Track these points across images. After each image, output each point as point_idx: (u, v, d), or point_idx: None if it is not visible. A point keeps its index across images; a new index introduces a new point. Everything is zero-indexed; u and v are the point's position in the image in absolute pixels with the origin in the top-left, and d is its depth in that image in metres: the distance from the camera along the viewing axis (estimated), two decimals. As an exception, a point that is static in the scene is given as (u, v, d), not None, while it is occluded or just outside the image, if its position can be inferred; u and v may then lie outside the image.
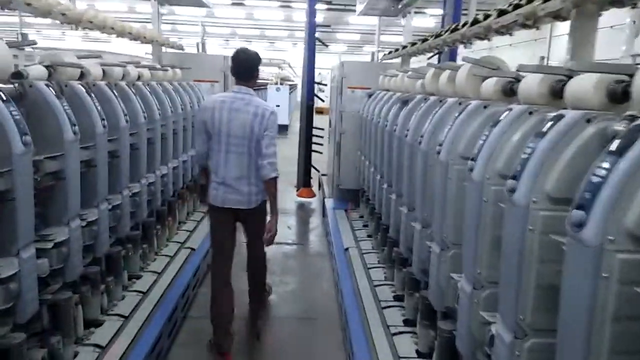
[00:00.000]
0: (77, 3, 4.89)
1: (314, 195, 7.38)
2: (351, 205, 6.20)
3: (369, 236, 5.05)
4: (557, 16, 2.23)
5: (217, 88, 6.08)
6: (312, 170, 7.50)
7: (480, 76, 2.59)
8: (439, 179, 2.52)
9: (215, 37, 27.41)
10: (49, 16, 3.30)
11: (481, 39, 3.30)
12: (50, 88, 2.50)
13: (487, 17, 2.98)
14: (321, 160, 7.69)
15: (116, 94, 3.34)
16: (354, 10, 17.33)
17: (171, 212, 4.71)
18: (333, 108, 6.72)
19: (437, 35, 4.21)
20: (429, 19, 18.40)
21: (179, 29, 24.05)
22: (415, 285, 3.15)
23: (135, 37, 4.86)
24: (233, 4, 17.29)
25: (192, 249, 4.57)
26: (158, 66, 4.76)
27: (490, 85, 2.44)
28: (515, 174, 1.65)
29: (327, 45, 7.32)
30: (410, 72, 4.30)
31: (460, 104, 2.61)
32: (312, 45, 6.57)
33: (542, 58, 10.57)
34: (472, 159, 2.04)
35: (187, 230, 5.00)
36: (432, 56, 4.89)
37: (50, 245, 2.37)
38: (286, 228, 6.22)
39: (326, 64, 11.93)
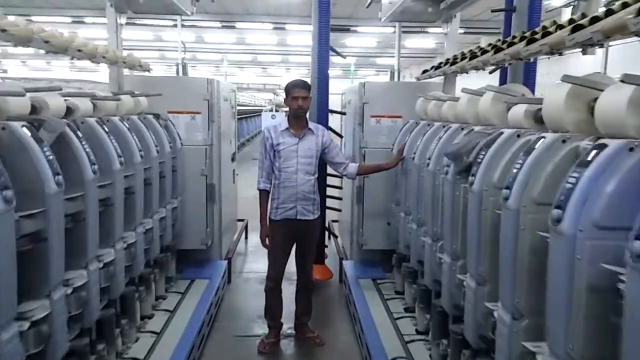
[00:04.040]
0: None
1: (330, 276, 5.17)
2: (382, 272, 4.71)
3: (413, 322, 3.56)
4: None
5: (199, 121, 4.61)
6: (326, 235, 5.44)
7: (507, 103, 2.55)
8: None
9: (205, 64, 26.29)
10: (29, 45, 2.66)
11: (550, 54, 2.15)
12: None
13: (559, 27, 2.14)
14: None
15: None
16: (355, 31, 16.53)
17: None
18: (349, 143, 5.24)
19: (497, 49, 2.79)
20: (428, 40, 17.27)
21: (167, 57, 22.85)
22: None
23: (86, 56, 3.38)
24: (223, 27, 16.04)
25: None
26: (105, 94, 3.27)
27: (519, 112, 2.39)
28: (560, 203, 1.62)
29: (344, 57, 5.71)
30: (467, 96, 2.94)
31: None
32: (324, 55, 4.60)
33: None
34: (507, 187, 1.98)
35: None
36: (493, 70, 3.45)
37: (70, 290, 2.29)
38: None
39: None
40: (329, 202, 5.23)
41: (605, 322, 1.52)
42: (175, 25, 13.80)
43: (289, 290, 4.05)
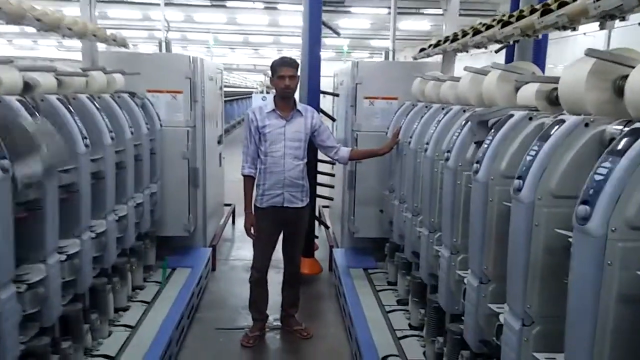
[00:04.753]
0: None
1: (319, 270, 4.79)
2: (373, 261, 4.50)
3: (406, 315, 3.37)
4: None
5: (180, 101, 4.31)
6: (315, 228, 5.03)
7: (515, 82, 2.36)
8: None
9: (196, 44, 25.72)
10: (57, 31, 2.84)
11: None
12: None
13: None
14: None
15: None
16: (348, 12, 16.08)
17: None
18: (341, 126, 4.98)
19: (505, 23, 2.54)
20: (423, 22, 16.89)
21: (156, 36, 22.28)
22: None
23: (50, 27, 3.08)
24: (213, 5, 15.56)
25: None
26: (72, 69, 2.97)
27: (530, 93, 2.18)
28: (588, 198, 1.38)
29: (338, 34, 5.32)
30: (469, 75, 2.70)
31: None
32: (315, 34, 4.21)
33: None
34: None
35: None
36: (500, 49, 3.19)
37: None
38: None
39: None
40: (321, 191, 4.97)
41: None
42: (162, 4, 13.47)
43: (275, 280, 3.83)
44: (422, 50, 3.95)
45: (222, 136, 5.82)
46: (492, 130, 2.07)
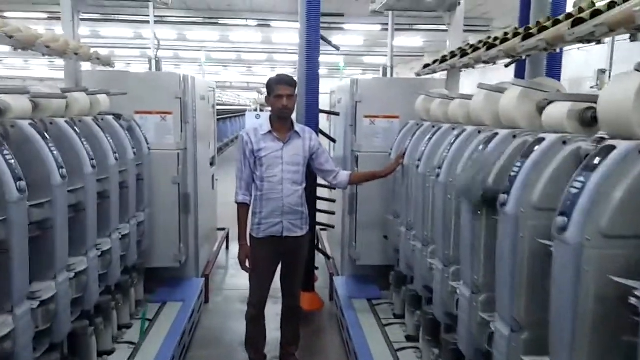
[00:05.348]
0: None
1: (321, 305, 4.38)
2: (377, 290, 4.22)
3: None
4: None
5: (170, 122, 4.06)
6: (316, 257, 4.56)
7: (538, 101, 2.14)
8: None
9: (189, 63, 25.59)
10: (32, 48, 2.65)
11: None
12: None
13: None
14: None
15: None
16: (341, 29, 15.98)
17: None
18: (339, 147, 4.73)
19: (526, 35, 2.32)
20: (416, 38, 16.83)
21: (149, 54, 22.11)
22: None
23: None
24: (205, 23, 15.41)
25: None
26: (50, 90, 2.70)
27: (560, 113, 1.94)
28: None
29: (338, 48, 5.02)
30: (483, 93, 2.48)
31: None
32: (314, 49, 3.88)
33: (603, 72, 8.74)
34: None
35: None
36: (510, 63, 2.97)
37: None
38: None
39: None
40: (320, 218, 4.66)
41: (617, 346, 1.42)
42: (152, 21, 13.28)
43: (272, 311, 3.54)
44: (426, 66, 3.73)
45: (215, 157, 5.56)
46: (521, 158, 1.83)
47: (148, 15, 5.27)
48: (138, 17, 12.60)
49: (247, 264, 3.15)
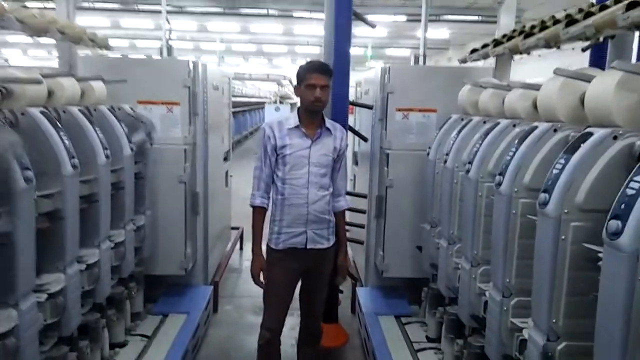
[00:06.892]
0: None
1: (345, 340, 3.68)
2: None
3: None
4: None
5: (177, 114, 3.62)
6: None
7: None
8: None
9: (210, 54, 25.34)
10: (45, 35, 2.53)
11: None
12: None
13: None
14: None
15: None
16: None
17: None
18: (366, 144, 4.23)
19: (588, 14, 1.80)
20: (442, 30, 16.11)
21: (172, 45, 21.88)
22: None
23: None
24: (225, 13, 15.01)
25: None
26: (27, 75, 2.26)
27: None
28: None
29: (373, 26, 4.36)
30: (559, 80, 1.97)
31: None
32: (344, 28, 3.27)
33: None
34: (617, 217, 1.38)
35: None
36: (588, 47, 2.44)
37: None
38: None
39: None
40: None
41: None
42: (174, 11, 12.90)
43: (287, 324, 3.06)
44: (473, 51, 3.20)
45: (229, 152, 5.12)
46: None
47: (167, 5, 4.84)
48: (159, 7, 12.29)
49: (261, 278, 2.69)
